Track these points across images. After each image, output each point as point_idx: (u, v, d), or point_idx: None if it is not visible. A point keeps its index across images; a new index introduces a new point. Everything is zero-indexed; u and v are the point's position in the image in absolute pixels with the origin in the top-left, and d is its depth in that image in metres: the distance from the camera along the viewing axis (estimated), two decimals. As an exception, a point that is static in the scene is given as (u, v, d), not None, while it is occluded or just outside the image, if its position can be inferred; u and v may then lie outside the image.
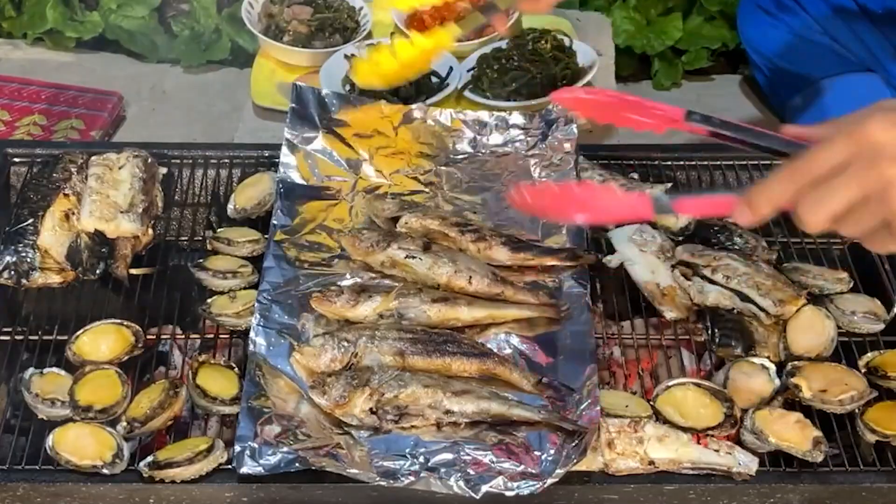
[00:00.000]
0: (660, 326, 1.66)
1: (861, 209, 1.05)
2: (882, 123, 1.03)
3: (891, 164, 1.02)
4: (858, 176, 1.04)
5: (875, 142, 1.03)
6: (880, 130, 1.03)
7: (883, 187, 1.03)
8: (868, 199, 1.04)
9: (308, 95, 1.86)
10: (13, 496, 1.41)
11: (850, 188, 1.04)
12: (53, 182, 1.71)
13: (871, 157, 1.03)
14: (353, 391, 1.43)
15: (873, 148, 1.03)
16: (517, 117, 1.88)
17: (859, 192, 1.04)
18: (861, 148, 1.03)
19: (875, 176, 1.03)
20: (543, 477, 1.37)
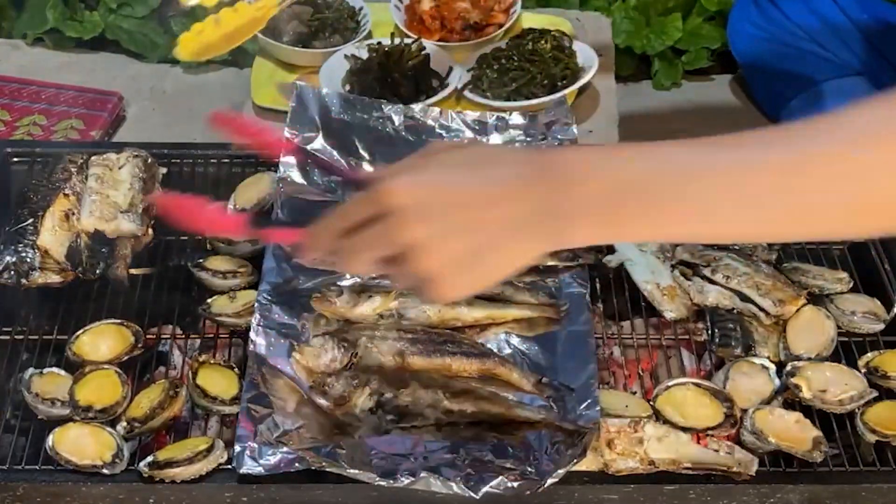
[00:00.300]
0: (660, 326, 1.66)
1: (396, 264, 1.06)
2: (403, 185, 1.03)
3: (408, 228, 1.03)
4: (381, 236, 1.05)
5: (393, 204, 1.03)
6: (400, 193, 1.03)
7: (405, 249, 1.03)
8: (398, 258, 1.05)
9: (308, 95, 1.86)
10: (13, 496, 1.41)
11: (377, 246, 1.06)
12: (53, 182, 1.71)
13: (392, 219, 1.04)
14: (352, 391, 1.43)
15: (393, 210, 1.04)
16: (517, 117, 1.88)
17: (385, 251, 1.06)
18: (383, 208, 1.04)
19: (394, 238, 1.04)
20: (543, 477, 1.36)
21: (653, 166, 1.02)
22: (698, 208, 1.00)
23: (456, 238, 1.03)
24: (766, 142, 1.00)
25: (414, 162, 1.08)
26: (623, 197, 1.01)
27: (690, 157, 1.02)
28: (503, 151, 1.07)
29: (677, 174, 1.01)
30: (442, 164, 1.06)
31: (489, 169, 1.04)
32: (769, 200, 0.98)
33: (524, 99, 2.08)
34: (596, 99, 2.19)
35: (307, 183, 1.76)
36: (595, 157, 1.04)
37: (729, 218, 1.01)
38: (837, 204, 0.98)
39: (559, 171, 1.03)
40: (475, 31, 2.27)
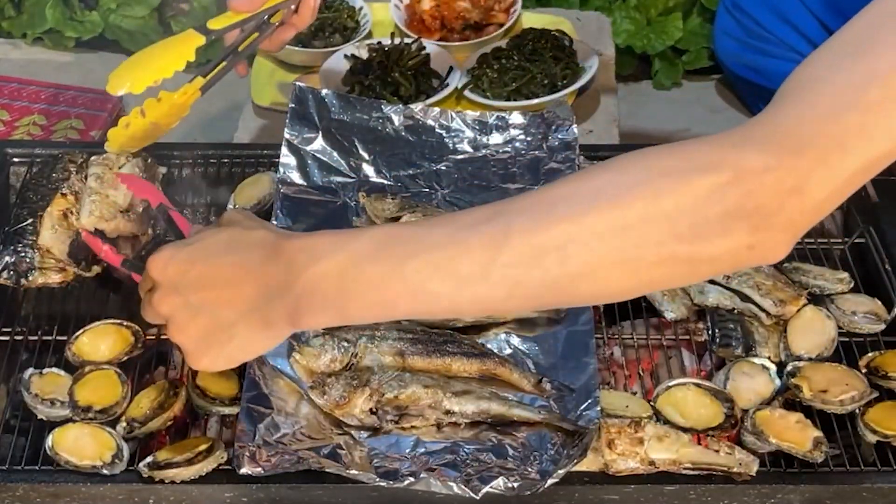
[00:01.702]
0: (660, 327, 1.66)
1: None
2: (160, 259, 1.13)
3: (159, 301, 1.14)
4: (148, 302, 1.16)
5: (152, 276, 1.14)
6: (157, 267, 1.13)
7: (165, 319, 1.14)
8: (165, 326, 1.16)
9: (308, 96, 1.86)
10: (12, 496, 1.41)
11: (147, 311, 1.17)
12: (53, 182, 1.71)
13: (154, 290, 1.15)
14: (352, 391, 1.42)
15: (154, 282, 1.14)
16: (517, 117, 1.88)
17: (153, 318, 1.17)
18: (151, 279, 1.15)
19: (155, 308, 1.15)
20: (543, 477, 1.36)
21: (371, 248, 1.05)
22: (417, 286, 1.03)
23: (197, 318, 1.11)
24: (480, 217, 1.03)
25: (185, 241, 1.17)
26: (342, 279, 1.05)
27: (410, 236, 1.05)
28: (257, 235, 1.12)
29: (395, 254, 1.04)
30: (201, 243, 1.13)
31: (234, 252, 1.11)
32: (476, 276, 1.01)
33: (524, 99, 2.08)
34: (596, 99, 2.19)
35: (307, 183, 1.76)
36: (317, 243, 1.08)
37: (443, 293, 1.03)
38: (538, 275, 1.00)
39: (284, 262, 1.08)
40: (475, 31, 2.27)
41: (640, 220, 0.97)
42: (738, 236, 0.97)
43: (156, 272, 1.13)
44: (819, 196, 0.97)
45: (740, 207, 0.95)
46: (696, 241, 0.97)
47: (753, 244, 0.97)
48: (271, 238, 1.11)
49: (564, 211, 0.99)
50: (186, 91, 1.72)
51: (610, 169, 1.01)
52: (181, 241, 1.18)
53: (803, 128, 0.96)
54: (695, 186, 0.96)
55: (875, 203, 1.79)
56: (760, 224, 0.96)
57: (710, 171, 0.96)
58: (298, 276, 1.07)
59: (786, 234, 0.98)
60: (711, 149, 0.98)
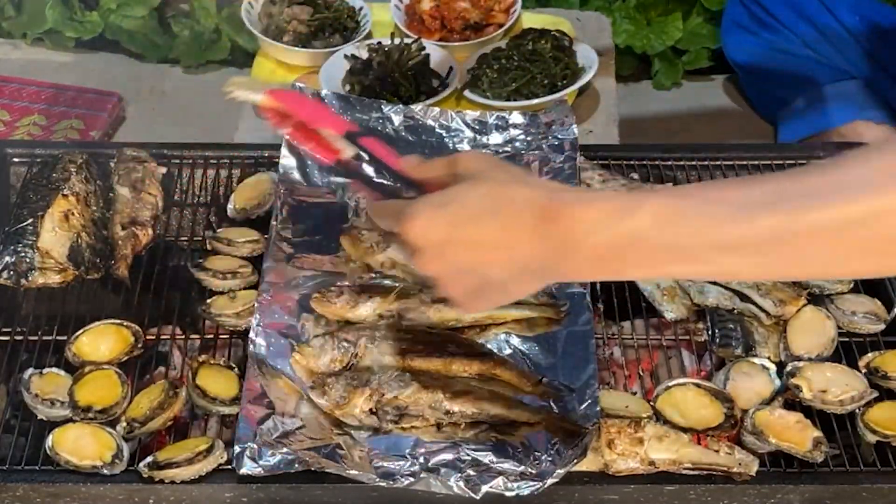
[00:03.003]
0: (660, 327, 1.66)
1: None
2: (421, 224, 1.13)
3: (425, 263, 1.15)
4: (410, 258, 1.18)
5: (412, 240, 1.14)
6: (418, 231, 1.13)
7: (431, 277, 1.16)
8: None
9: (308, 95, 1.86)
10: (13, 496, 1.41)
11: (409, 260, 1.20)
12: (53, 182, 1.71)
13: (416, 253, 1.15)
14: (353, 392, 1.43)
15: (414, 246, 1.15)
16: (517, 117, 1.88)
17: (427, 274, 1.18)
18: (408, 241, 1.15)
19: (418, 266, 1.16)
20: (543, 477, 1.36)
21: (654, 223, 1.07)
22: (698, 259, 1.07)
23: (465, 279, 1.14)
24: (760, 195, 1.05)
25: (439, 198, 1.15)
26: (625, 251, 1.08)
27: (693, 211, 1.07)
28: (519, 193, 1.12)
29: (679, 231, 1.06)
30: (460, 203, 1.13)
31: (497, 216, 1.12)
32: (766, 252, 1.04)
33: (524, 99, 2.08)
34: (596, 99, 2.19)
35: (307, 183, 1.76)
36: (595, 215, 1.09)
37: (728, 266, 1.07)
38: (828, 252, 1.03)
39: (559, 229, 1.09)
40: (475, 31, 2.27)
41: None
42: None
43: (416, 237, 1.13)
44: None
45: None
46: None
47: None
48: (539, 200, 1.11)
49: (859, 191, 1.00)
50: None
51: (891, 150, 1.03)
52: (434, 199, 1.16)
53: None
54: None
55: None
56: None
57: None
58: (579, 245, 1.09)
59: None
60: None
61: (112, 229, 1.71)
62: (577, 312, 1.59)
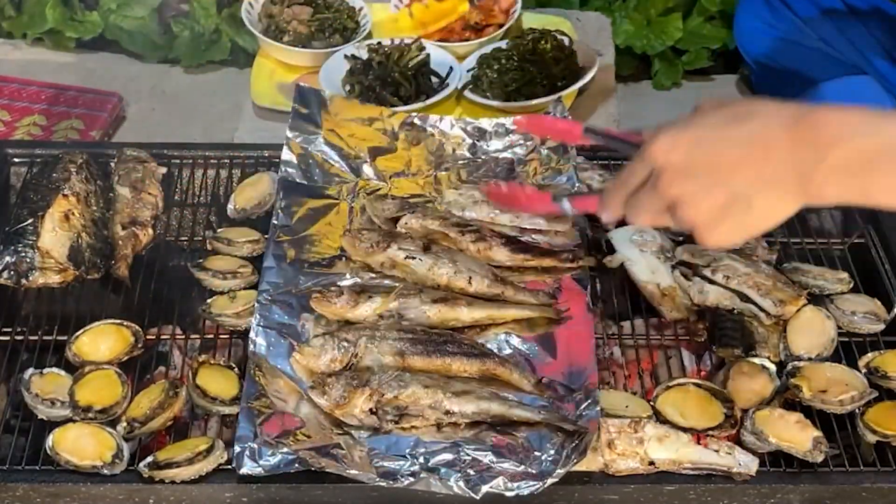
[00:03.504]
0: (660, 326, 1.66)
1: (669, 216, 1.18)
2: (662, 145, 1.14)
3: (669, 185, 1.14)
4: (651, 193, 1.17)
5: (656, 163, 1.14)
6: (660, 152, 1.14)
7: (671, 203, 1.15)
8: (668, 209, 1.17)
9: (310, 96, 1.86)
10: (13, 496, 1.41)
11: (651, 202, 1.18)
12: (53, 182, 1.71)
13: (656, 177, 1.15)
14: (353, 391, 1.43)
15: (657, 169, 1.14)
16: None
17: (659, 205, 1.17)
18: (651, 167, 1.15)
19: (660, 193, 1.15)
20: (543, 477, 1.36)
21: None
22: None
23: (711, 194, 1.12)
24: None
25: (680, 121, 1.16)
26: (874, 160, 1.06)
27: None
28: (760, 108, 1.13)
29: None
30: (702, 123, 1.14)
31: (744, 127, 1.11)
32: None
33: (524, 99, 2.07)
34: (596, 99, 2.19)
35: (307, 183, 1.76)
36: (847, 120, 1.08)
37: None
38: None
39: (813, 133, 1.08)
40: (475, 31, 2.27)
41: None
42: None
43: (661, 157, 1.13)
44: None
45: None
46: None
47: None
48: (786, 108, 1.11)
49: None
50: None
51: None
52: (676, 124, 1.16)
53: None
54: None
55: (875, 203, 1.79)
56: None
57: None
58: (828, 151, 1.07)
59: None
60: None
61: (112, 229, 1.71)
62: (578, 312, 1.59)
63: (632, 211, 1.21)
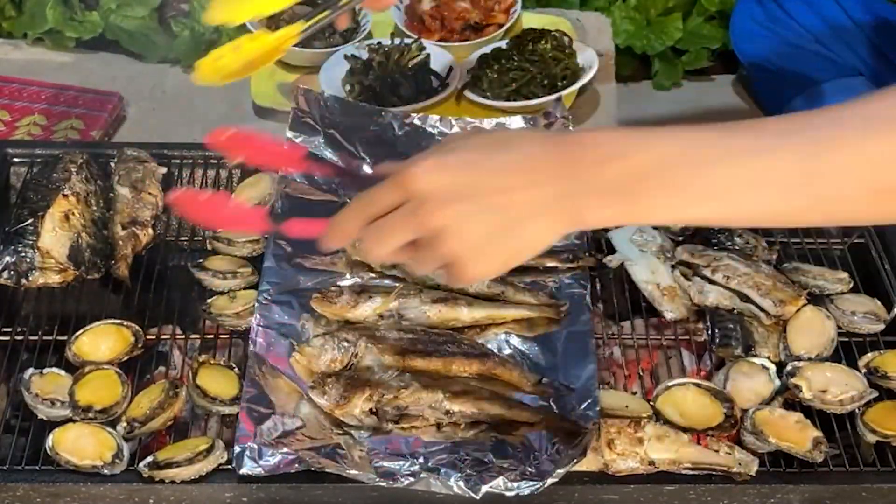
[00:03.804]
0: (660, 327, 1.66)
1: (419, 250, 1.08)
2: (427, 170, 1.05)
3: (433, 212, 1.05)
4: (406, 221, 1.07)
5: (418, 189, 1.05)
6: (424, 177, 1.05)
7: (431, 234, 1.06)
8: (422, 242, 1.07)
9: (310, 97, 1.86)
10: (13, 496, 1.41)
11: (402, 231, 1.08)
12: (53, 182, 1.71)
13: (416, 204, 1.05)
14: (353, 391, 1.43)
15: (417, 195, 1.05)
16: (517, 122, 1.88)
17: (410, 236, 1.08)
18: (408, 193, 1.06)
19: (419, 222, 1.06)
20: (543, 477, 1.36)
21: (674, 149, 1.03)
22: (717, 192, 1.02)
23: (479, 220, 1.05)
24: (785, 128, 1.02)
25: (437, 148, 1.10)
26: (643, 179, 1.03)
27: (711, 141, 1.04)
28: (524, 133, 1.09)
29: (698, 158, 1.03)
30: (464, 147, 1.08)
31: (510, 151, 1.06)
32: (786, 186, 1.00)
33: (524, 99, 2.07)
34: (596, 99, 2.19)
35: (308, 183, 1.76)
36: (616, 139, 1.05)
37: (746, 202, 1.02)
38: (854, 190, 1.00)
39: (579, 153, 1.04)
40: (475, 31, 2.27)
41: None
42: None
43: (424, 183, 1.05)
44: None
45: None
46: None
47: None
48: (549, 135, 1.07)
49: (884, 126, 0.98)
50: (286, 33, 1.68)
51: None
52: (434, 149, 1.10)
53: None
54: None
55: (875, 203, 1.79)
56: None
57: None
58: (596, 173, 1.03)
59: None
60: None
61: (112, 229, 1.71)
62: (577, 312, 1.59)
63: (373, 239, 1.10)
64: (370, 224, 1.10)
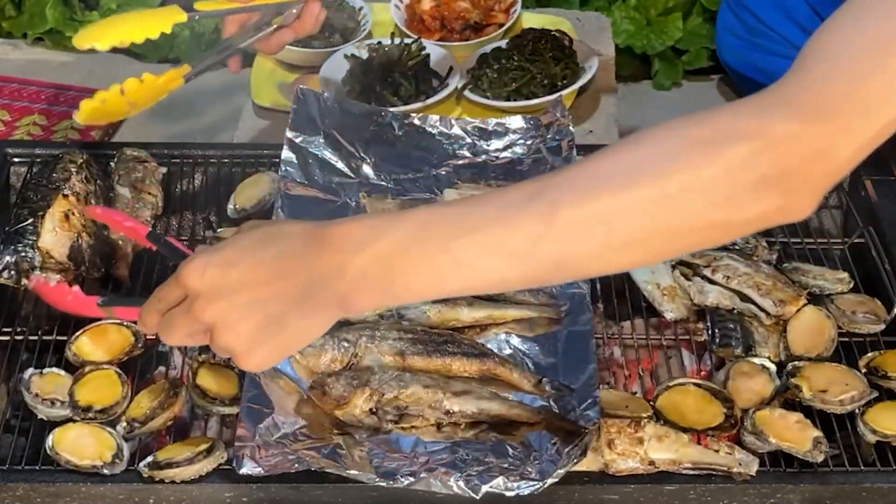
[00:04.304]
0: (660, 327, 1.66)
1: (206, 339, 1.13)
2: (194, 268, 1.10)
3: (203, 309, 1.10)
4: (184, 316, 1.12)
5: (189, 287, 1.11)
6: (192, 276, 1.10)
7: (206, 327, 1.11)
8: (205, 333, 1.12)
9: (310, 97, 1.86)
10: (13, 496, 1.41)
11: (182, 325, 1.13)
12: (53, 182, 1.71)
13: (191, 300, 1.11)
14: (353, 391, 1.43)
15: (191, 292, 1.11)
16: (517, 122, 1.88)
17: (189, 329, 1.13)
18: (185, 290, 1.12)
19: (193, 318, 1.11)
20: (543, 477, 1.36)
21: (417, 229, 1.07)
22: (464, 263, 1.06)
23: (241, 316, 1.09)
24: (524, 194, 1.05)
25: (214, 246, 1.15)
26: (391, 262, 1.07)
27: (456, 215, 1.07)
28: (291, 228, 1.12)
29: (442, 234, 1.06)
30: (233, 245, 1.13)
31: (272, 247, 1.11)
32: (526, 251, 1.04)
33: (524, 99, 2.07)
34: (596, 99, 2.19)
35: (308, 182, 1.76)
36: (364, 226, 1.09)
37: (494, 269, 1.06)
38: (585, 247, 1.04)
39: (331, 246, 1.09)
40: (475, 31, 2.27)
41: (679, 191, 1.00)
42: (769, 201, 1.01)
43: (193, 281, 1.11)
44: (842, 158, 1.02)
45: (771, 174, 1.00)
46: (732, 208, 1.01)
47: (783, 206, 1.02)
48: (308, 228, 1.11)
49: (608, 185, 1.02)
50: (170, 76, 1.71)
51: (646, 141, 1.04)
52: (209, 249, 1.16)
53: (828, 93, 1.01)
54: (728, 157, 1.00)
55: (875, 203, 1.79)
56: (789, 188, 1.01)
57: (742, 140, 1.00)
58: (346, 262, 1.07)
59: (812, 195, 1.03)
60: (741, 118, 1.03)
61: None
62: (577, 312, 1.59)
63: (165, 330, 1.16)
64: (162, 316, 1.17)
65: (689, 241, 1.06)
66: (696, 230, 1.03)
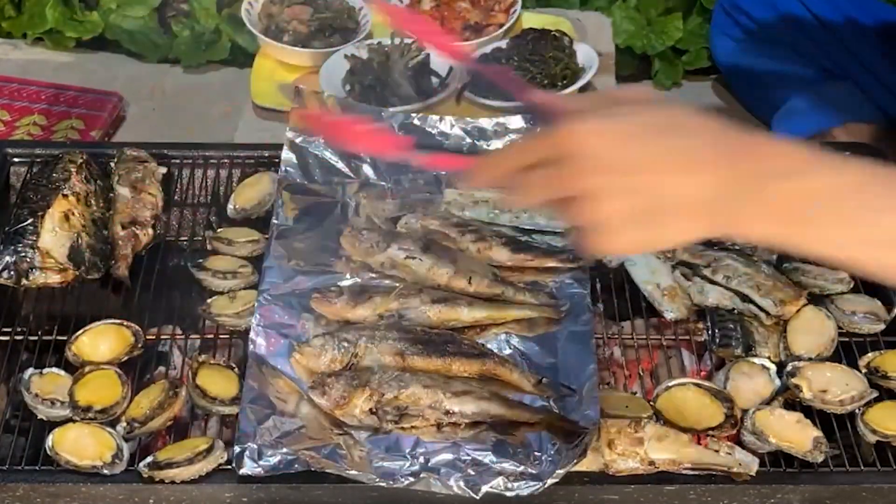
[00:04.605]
0: (660, 327, 1.66)
1: (565, 206, 1.03)
2: (587, 133, 1.01)
3: (580, 176, 1.01)
4: (552, 179, 1.03)
5: (572, 150, 1.01)
6: (582, 139, 1.01)
7: (579, 194, 1.02)
8: (569, 199, 1.03)
9: (310, 97, 1.86)
10: (13, 496, 1.41)
11: (547, 188, 1.04)
12: (53, 182, 1.71)
13: (571, 163, 1.01)
14: (353, 391, 1.43)
15: (575, 154, 1.01)
16: (517, 122, 1.88)
17: (553, 194, 1.04)
18: (565, 150, 1.01)
19: (566, 183, 1.02)
20: (543, 477, 1.36)
21: (852, 187, 1.00)
22: (886, 238, 1.00)
23: (630, 197, 1.00)
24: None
25: (603, 109, 1.05)
26: (814, 206, 1.00)
27: (884, 182, 1.01)
28: (699, 119, 1.03)
29: (876, 202, 1.00)
30: (632, 119, 1.03)
31: (677, 134, 1.02)
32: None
33: (524, 99, 2.07)
34: (596, 99, 2.19)
35: (308, 182, 1.76)
36: (796, 155, 1.02)
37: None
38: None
39: (753, 158, 1.00)
40: (475, 31, 2.27)
41: None
42: None
43: (579, 143, 1.00)
44: None
45: None
46: None
47: None
48: (719, 131, 1.02)
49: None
50: None
51: None
52: (599, 113, 1.04)
53: None
54: None
55: (875, 203, 1.79)
56: None
57: None
58: (766, 184, 0.99)
59: None
60: None
61: (112, 229, 1.71)
62: (577, 312, 1.59)
63: (517, 189, 1.06)
64: (518, 173, 1.06)
65: None
66: None
